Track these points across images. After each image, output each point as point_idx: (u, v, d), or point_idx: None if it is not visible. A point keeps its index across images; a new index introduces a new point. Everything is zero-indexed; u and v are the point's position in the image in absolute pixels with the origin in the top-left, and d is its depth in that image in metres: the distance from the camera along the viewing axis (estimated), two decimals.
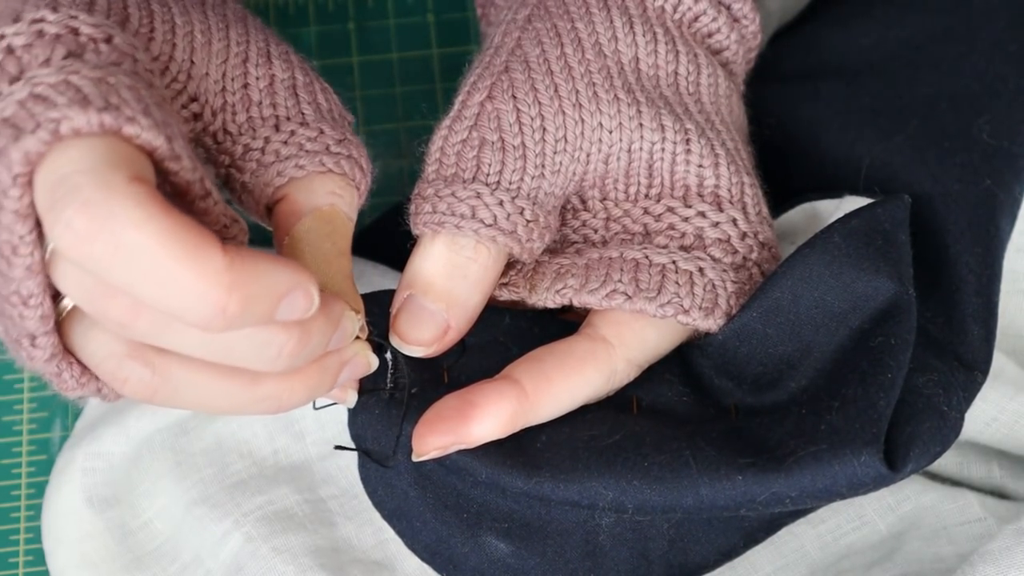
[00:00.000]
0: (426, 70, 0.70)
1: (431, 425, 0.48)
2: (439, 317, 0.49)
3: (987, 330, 0.53)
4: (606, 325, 0.50)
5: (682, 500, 0.47)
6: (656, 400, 0.51)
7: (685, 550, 0.50)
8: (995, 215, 0.55)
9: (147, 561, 0.57)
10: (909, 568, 0.54)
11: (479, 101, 0.51)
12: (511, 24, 0.53)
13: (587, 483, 0.47)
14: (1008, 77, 0.58)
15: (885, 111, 0.59)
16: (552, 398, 0.49)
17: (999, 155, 0.56)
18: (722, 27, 0.55)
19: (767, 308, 0.50)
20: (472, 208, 0.49)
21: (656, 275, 0.50)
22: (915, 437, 0.47)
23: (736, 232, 0.51)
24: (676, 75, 0.53)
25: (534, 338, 0.52)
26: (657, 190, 0.52)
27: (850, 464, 0.46)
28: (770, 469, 0.46)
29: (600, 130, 0.51)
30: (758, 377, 0.50)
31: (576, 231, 0.53)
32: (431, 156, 0.51)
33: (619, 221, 0.52)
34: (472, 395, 0.48)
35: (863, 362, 0.48)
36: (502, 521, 0.50)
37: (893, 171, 0.56)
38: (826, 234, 0.50)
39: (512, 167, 0.50)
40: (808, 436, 0.47)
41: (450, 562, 0.50)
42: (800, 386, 0.50)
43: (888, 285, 0.49)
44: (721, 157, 0.52)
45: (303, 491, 0.57)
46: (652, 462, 0.47)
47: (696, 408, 0.51)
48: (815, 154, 0.58)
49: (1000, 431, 0.56)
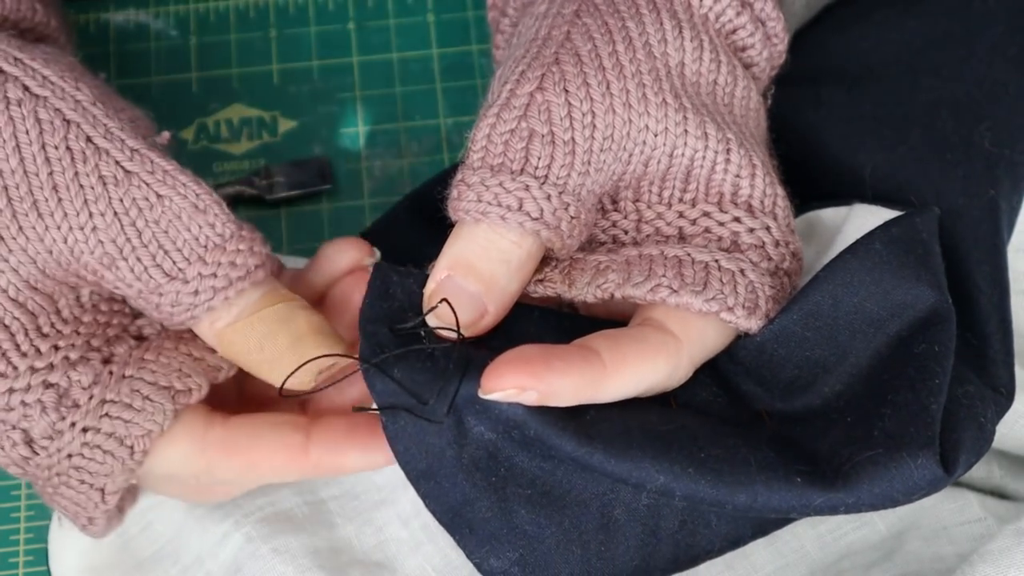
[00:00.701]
0: (426, 70, 0.70)
1: (512, 364, 0.47)
2: (478, 300, 0.49)
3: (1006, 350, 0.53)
4: (672, 321, 0.50)
5: (735, 497, 0.47)
6: (691, 399, 0.51)
7: (694, 532, 0.50)
8: (999, 227, 0.55)
9: (148, 565, 0.57)
10: (909, 568, 0.54)
11: (529, 91, 0.50)
12: (558, 17, 0.52)
13: (641, 463, 0.47)
14: (1008, 82, 0.58)
15: (887, 119, 0.58)
16: (623, 378, 0.48)
17: (1001, 163, 0.56)
18: (756, 43, 0.55)
19: (807, 311, 0.50)
20: (520, 200, 0.49)
21: (700, 271, 0.50)
22: (960, 443, 0.47)
23: (770, 239, 0.51)
24: (715, 84, 0.53)
25: (565, 331, 0.52)
26: (692, 195, 0.52)
27: (907, 467, 0.46)
28: (828, 475, 0.46)
29: (646, 132, 0.51)
30: (792, 381, 0.50)
31: (605, 231, 0.53)
32: (476, 143, 0.50)
33: (652, 223, 0.52)
34: (556, 349, 0.47)
35: (909, 368, 0.48)
36: (526, 487, 0.49)
37: (896, 184, 0.56)
38: (867, 241, 0.50)
39: (561, 162, 0.50)
40: (862, 443, 0.47)
41: (468, 526, 0.50)
42: (834, 391, 0.50)
43: (929, 293, 0.49)
44: (758, 168, 0.52)
45: (303, 492, 0.57)
46: (708, 455, 0.47)
47: (730, 410, 0.51)
48: (816, 163, 0.58)
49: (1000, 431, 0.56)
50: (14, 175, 0.49)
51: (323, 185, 0.67)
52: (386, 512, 0.57)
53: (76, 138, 0.50)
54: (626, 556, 0.50)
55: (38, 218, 0.50)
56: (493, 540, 0.49)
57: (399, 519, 0.57)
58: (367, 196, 0.67)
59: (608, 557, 0.50)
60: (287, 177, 0.67)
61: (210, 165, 0.68)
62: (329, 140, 0.69)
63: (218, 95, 0.70)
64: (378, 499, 0.58)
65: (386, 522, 0.57)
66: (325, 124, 0.69)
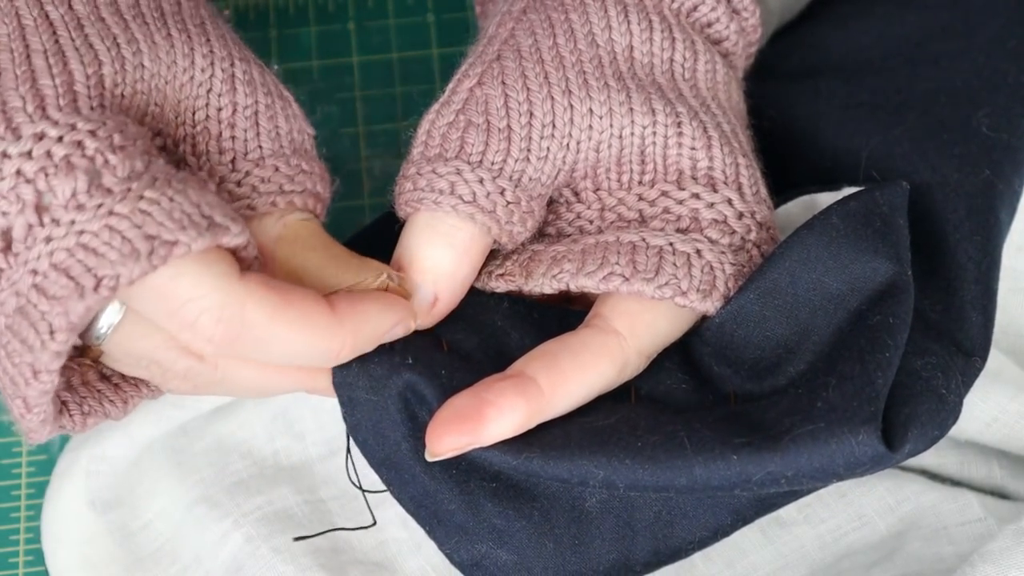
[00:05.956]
0: (426, 70, 0.70)
1: (447, 424, 0.47)
2: (425, 289, 0.50)
3: (986, 317, 0.53)
4: (617, 317, 0.50)
5: (675, 480, 0.47)
6: (655, 388, 0.51)
7: (672, 523, 0.50)
8: (994, 205, 0.55)
9: (148, 563, 0.57)
10: (909, 568, 0.54)
11: (468, 87, 0.52)
12: (506, 15, 0.54)
13: (578, 461, 0.47)
14: (1007, 72, 0.58)
15: (884, 105, 0.58)
16: (567, 394, 0.48)
17: (998, 147, 0.56)
18: (721, 17, 0.55)
19: (764, 290, 0.49)
20: (451, 184, 0.50)
21: (653, 257, 0.50)
22: (913, 418, 0.46)
23: (732, 212, 0.51)
24: (672, 62, 0.54)
25: (533, 323, 0.52)
26: (651, 176, 0.52)
27: (848, 442, 0.45)
28: (765, 448, 0.46)
29: (590, 116, 0.51)
30: (756, 362, 0.50)
31: (571, 223, 0.53)
32: (417, 139, 0.52)
33: (614, 210, 0.52)
34: (487, 393, 0.48)
35: (861, 340, 0.48)
36: (491, 481, 0.49)
37: (892, 162, 0.56)
38: (824, 216, 0.50)
39: (496, 148, 0.50)
40: (804, 414, 0.46)
41: (435, 517, 0.50)
42: (799, 371, 0.49)
43: (886, 266, 0.49)
44: (714, 139, 0.52)
45: (303, 491, 0.57)
46: (645, 443, 0.47)
47: (694, 395, 0.51)
48: (814, 147, 0.58)
49: (1001, 431, 0.56)
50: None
51: None
52: (386, 512, 0.57)
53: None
54: (602, 549, 0.50)
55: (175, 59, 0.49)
56: (461, 532, 0.49)
57: (399, 519, 0.57)
58: (367, 196, 0.67)
59: (583, 551, 0.49)
60: None
61: None
62: (329, 140, 0.69)
63: None
64: (378, 499, 0.58)
65: (386, 522, 0.57)
66: (325, 124, 0.69)
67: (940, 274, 0.53)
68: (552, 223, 0.53)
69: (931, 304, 0.52)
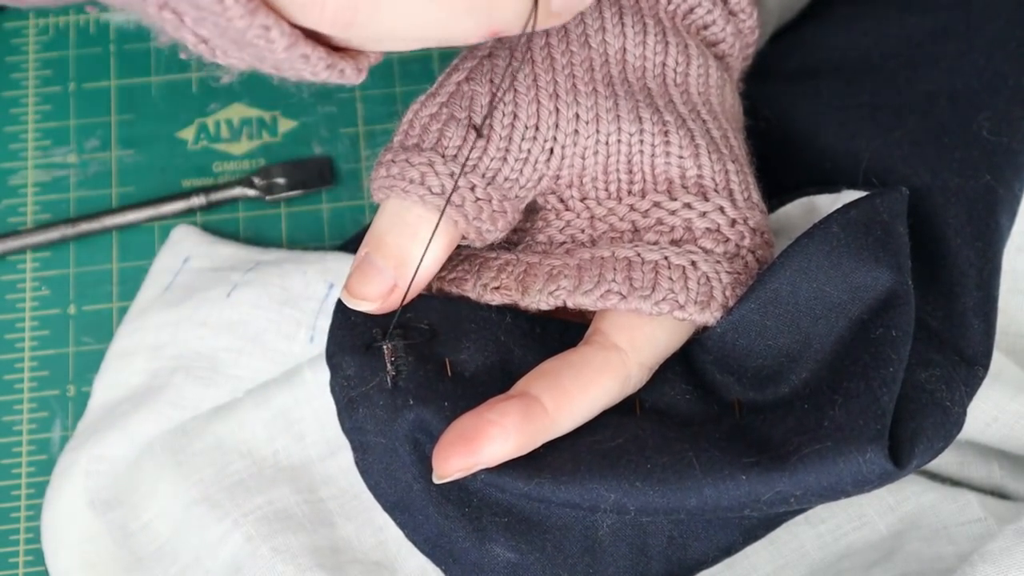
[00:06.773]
0: (426, 70, 0.70)
1: (452, 447, 0.48)
2: (386, 274, 0.50)
3: (988, 324, 0.53)
4: (617, 332, 0.50)
5: (685, 502, 0.47)
6: (659, 399, 0.51)
7: (684, 546, 0.50)
8: (995, 210, 0.55)
9: (148, 563, 0.57)
10: (909, 568, 0.54)
11: (456, 81, 0.52)
12: None
13: (589, 485, 0.47)
14: (1008, 75, 0.58)
15: (884, 108, 0.58)
16: (572, 412, 0.49)
17: (999, 151, 0.56)
18: (717, 19, 0.55)
19: (765, 299, 0.50)
20: (422, 174, 0.50)
21: (649, 272, 0.50)
22: (919, 433, 0.47)
23: (725, 220, 0.51)
24: (664, 66, 0.54)
25: (536, 338, 0.52)
26: (640, 186, 0.52)
27: (855, 461, 0.45)
28: (774, 468, 0.46)
29: (576, 121, 0.51)
30: (759, 371, 0.50)
31: (562, 231, 0.53)
32: (400, 127, 0.52)
33: (605, 220, 0.52)
34: (491, 413, 0.48)
35: (864, 355, 0.48)
36: (503, 515, 0.50)
37: (892, 165, 0.56)
38: (824, 225, 0.50)
39: (472, 144, 0.50)
40: (811, 433, 0.47)
41: (451, 556, 0.50)
42: (801, 379, 0.50)
43: (887, 275, 0.49)
44: (702, 147, 0.52)
45: (303, 491, 0.57)
46: (655, 464, 0.47)
47: (699, 405, 0.51)
48: (813, 149, 0.58)
49: (1000, 431, 0.56)
50: None
51: (323, 185, 0.67)
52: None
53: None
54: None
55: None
56: (477, 569, 0.50)
57: None
58: (367, 196, 0.67)
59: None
60: (287, 177, 0.67)
61: (210, 165, 0.68)
62: (329, 140, 0.69)
63: (218, 95, 0.70)
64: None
65: (386, 522, 0.57)
66: (325, 124, 0.69)
67: (941, 280, 0.53)
68: (542, 230, 0.53)
69: (932, 311, 0.52)
